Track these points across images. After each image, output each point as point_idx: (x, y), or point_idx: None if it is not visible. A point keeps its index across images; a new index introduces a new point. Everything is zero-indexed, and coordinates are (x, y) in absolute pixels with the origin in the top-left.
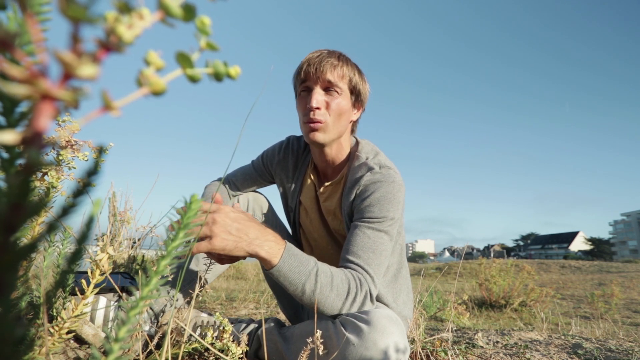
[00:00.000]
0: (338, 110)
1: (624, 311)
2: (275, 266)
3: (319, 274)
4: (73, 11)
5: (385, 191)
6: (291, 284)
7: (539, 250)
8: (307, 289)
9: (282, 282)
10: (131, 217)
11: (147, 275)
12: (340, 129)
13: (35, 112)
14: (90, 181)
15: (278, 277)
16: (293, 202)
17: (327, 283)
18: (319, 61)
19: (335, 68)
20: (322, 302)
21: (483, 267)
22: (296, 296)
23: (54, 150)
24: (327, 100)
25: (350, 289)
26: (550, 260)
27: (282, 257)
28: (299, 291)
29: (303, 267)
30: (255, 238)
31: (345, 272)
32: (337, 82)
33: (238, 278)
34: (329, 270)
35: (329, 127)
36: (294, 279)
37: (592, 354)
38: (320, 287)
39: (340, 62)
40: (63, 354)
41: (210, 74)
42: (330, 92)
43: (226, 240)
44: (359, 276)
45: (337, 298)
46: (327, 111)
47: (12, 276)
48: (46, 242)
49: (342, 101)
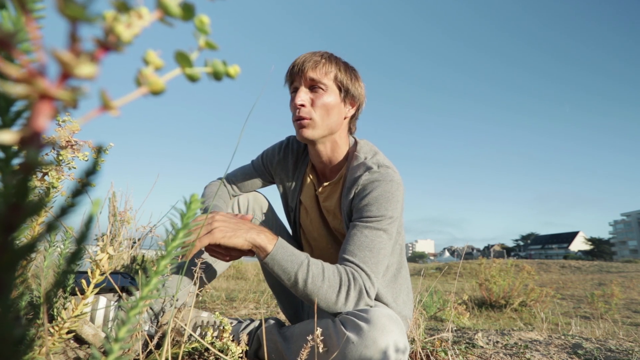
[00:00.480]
0: (324, 107)
1: (624, 311)
2: (270, 253)
3: (310, 264)
4: (71, 10)
5: (383, 190)
6: (284, 272)
7: (539, 250)
8: (300, 277)
9: (277, 271)
10: (131, 217)
11: (147, 275)
12: (330, 125)
13: (34, 111)
14: (89, 181)
15: (272, 265)
16: (293, 201)
17: (319, 274)
18: (302, 61)
19: (317, 65)
20: (315, 293)
21: (483, 267)
22: (290, 287)
23: (54, 150)
24: (312, 97)
25: (342, 281)
26: (550, 260)
27: (275, 246)
28: (292, 280)
29: (295, 257)
30: (251, 228)
31: (337, 266)
32: (321, 79)
33: (238, 278)
34: (320, 263)
35: (317, 123)
36: (287, 267)
37: (592, 354)
38: (312, 276)
39: (323, 60)
40: (63, 354)
41: (209, 73)
42: (316, 90)
43: (225, 229)
44: (352, 271)
45: (329, 290)
46: (312, 108)
47: (10, 276)
48: (46, 242)
49: (329, 97)
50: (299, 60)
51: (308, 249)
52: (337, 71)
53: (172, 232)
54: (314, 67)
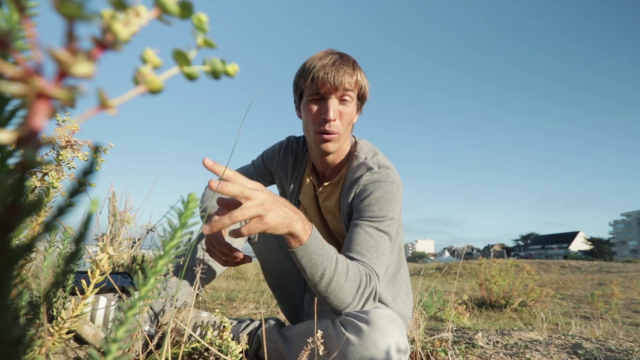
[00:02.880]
0: (349, 119)
1: (624, 311)
2: (304, 244)
3: (338, 261)
4: (68, 9)
5: (384, 191)
6: (313, 266)
7: (539, 250)
8: (327, 274)
9: (305, 263)
10: (131, 217)
11: (145, 275)
12: (347, 135)
13: (30, 110)
14: (87, 180)
15: (302, 257)
16: (292, 202)
17: (344, 272)
18: (336, 70)
19: (352, 77)
20: (336, 291)
21: (483, 267)
22: (313, 281)
23: (53, 150)
24: (340, 110)
25: (362, 282)
26: (550, 260)
27: (310, 237)
28: (318, 275)
29: (326, 251)
30: (295, 213)
31: (358, 265)
32: (353, 89)
33: (238, 278)
34: (345, 261)
35: (341, 137)
36: (317, 261)
37: (592, 354)
38: (338, 275)
39: (355, 71)
40: (63, 354)
41: (207, 72)
42: (344, 102)
43: (276, 218)
44: (369, 272)
45: (349, 290)
46: (340, 121)
47: (9, 276)
48: (46, 242)
49: (352, 109)
50: (329, 67)
51: None
52: (362, 82)
53: (170, 231)
54: (350, 78)
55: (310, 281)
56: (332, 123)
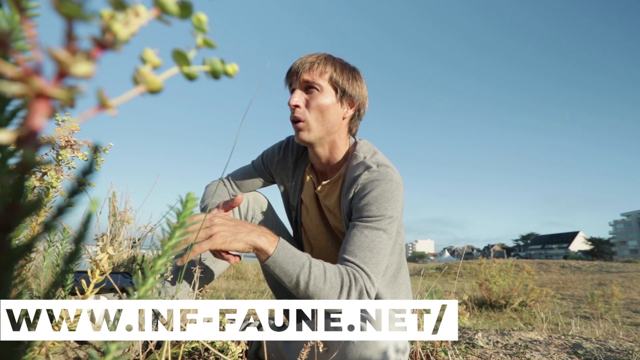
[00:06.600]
0: (318, 108)
1: (624, 311)
2: (271, 256)
3: (312, 266)
4: (67, 8)
5: (383, 189)
6: (286, 275)
7: (539, 250)
8: (302, 280)
9: (278, 273)
10: (131, 217)
11: (143, 275)
12: (327, 127)
13: (30, 110)
14: (87, 180)
15: (274, 268)
16: (295, 200)
17: (320, 275)
18: (299, 63)
19: (312, 66)
20: (317, 294)
21: (483, 267)
22: (292, 289)
23: (53, 150)
24: (307, 98)
25: (344, 282)
26: (550, 260)
27: (277, 248)
28: (294, 282)
29: (297, 259)
30: (252, 231)
31: (339, 267)
32: (316, 80)
33: (238, 278)
34: (321, 264)
35: (312, 125)
36: (289, 269)
37: (592, 354)
38: (313, 278)
39: (318, 61)
40: (63, 354)
41: (207, 72)
42: (310, 91)
43: (225, 234)
44: (353, 272)
45: (331, 291)
46: (307, 109)
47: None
48: (46, 241)
49: (324, 99)
50: (295, 62)
51: (308, 248)
52: (332, 72)
53: (169, 231)
54: (308, 68)
55: (290, 289)
56: (295, 109)
